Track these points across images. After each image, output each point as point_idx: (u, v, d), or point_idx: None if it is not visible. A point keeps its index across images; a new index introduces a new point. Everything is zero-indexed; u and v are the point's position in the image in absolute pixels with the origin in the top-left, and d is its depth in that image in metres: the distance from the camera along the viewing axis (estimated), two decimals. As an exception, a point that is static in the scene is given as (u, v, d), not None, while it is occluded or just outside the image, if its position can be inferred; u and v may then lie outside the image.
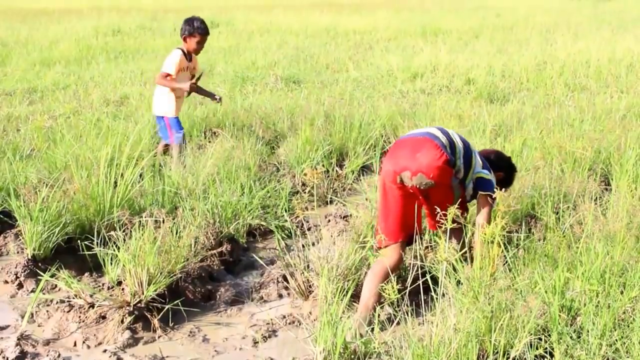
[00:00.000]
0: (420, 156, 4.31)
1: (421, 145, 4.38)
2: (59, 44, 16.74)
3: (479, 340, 3.55)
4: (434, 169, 4.27)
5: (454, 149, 4.48)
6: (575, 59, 13.97)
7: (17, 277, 5.02)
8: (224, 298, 4.81)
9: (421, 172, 4.28)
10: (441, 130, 4.55)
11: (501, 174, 4.90)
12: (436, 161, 4.28)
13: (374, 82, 12.55)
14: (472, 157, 4.60)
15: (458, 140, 4.55)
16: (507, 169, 5.03)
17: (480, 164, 4.64)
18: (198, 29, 7.01)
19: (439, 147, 4.34)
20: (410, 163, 4.31)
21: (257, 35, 19.88)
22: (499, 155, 5.07)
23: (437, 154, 4.30)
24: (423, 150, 4.33)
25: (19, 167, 6.22)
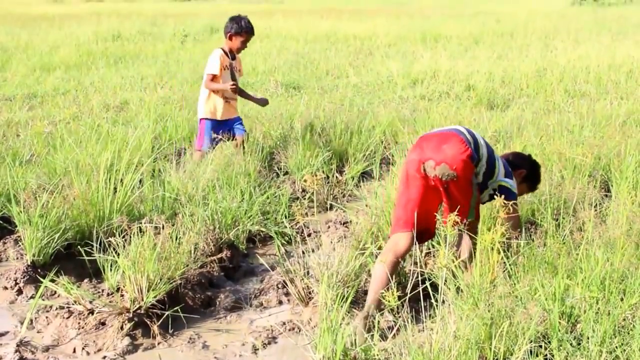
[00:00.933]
0: (446, 147, 4.41)
1: (448, 138, 4.49)
2: (59, 49, 16.76)
3: (479, 348, 3.55)
4: (458, 161, 4.36)
5: (477, 150, 4.55)
6: (575, 65, 13.98)
7: (16, 283, 5.01)
8: (224, 304, 4.80)
9: (445, 163, 4.37)
10: (467, 130, 4.65)
11: (523, 171, 5.02)
12: (461, 154, 4.37)
13: (374, 88, 12.56)
14: (496, 163, 4.68)
15: (482, 144, 4.63)
16: (529, 165, 5.13)
17: (503, 173, 4.72)
18: (245, 27, 6.95)
19: (465, 142, 4.44)
20: (435, 154, 4.41)
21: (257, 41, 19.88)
22: (517, 155, 5.23)
23: (463, 147, 4.40)
24: (449, 143, 4.43)
25: (18, 172, 6.21)
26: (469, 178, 4.48)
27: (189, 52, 17.38)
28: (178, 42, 19.52)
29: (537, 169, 5.21)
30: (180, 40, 19.88)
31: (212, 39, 20.63)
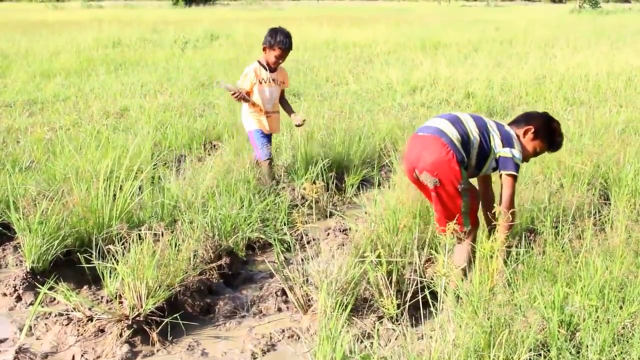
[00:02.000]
0: (426, 155, 4.47)
1: (428, 143, 4.52)
2: (59, 56, 16.80)
3: (478, 356, 3.54)
4: (438, 167, 4.42)
5: (467, 141, 4.57)
6: (574, 73, 14.01)
7: (15, 290, 5.01)
8: (223, 312, 4.80)
9: (426, 171, 4.45)
10: (453, 121, 4.64)
11: (531, 127, 4.85)
12: (441, 161, 4.43)
13: (374, 96, 12.58)
14: (491, 138, 4.68)
15: (472, 129, 4.63)
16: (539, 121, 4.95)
17: (500, 144, 4.68)
18: (279, 42, 6.65)
19: (446, 145, 4.45)
20: (417, 161, 4.51)
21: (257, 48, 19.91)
22: (526, 114, 5.12)
23: (443, 152, 4.44)
24: (429, 149, 4.48)
25: (18, 179, 6.22)
26: (455, 182, 4.49)
27: (189, 59, 17.42)
28: (178, 49, 19.56)
29: (550, 122, 4.99)
30: (180, 47, 19.92)
31: (212, 46, 20.69)
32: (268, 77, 6.81)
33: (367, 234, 5.04)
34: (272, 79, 6.83)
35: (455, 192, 4.51)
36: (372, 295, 4.59)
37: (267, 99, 6.87)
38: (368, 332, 4.23)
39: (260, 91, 6.82)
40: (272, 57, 6.72)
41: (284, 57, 6.76)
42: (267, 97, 6.86)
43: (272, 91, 6.87)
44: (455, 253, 4.68)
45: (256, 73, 6.78)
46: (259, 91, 6.81)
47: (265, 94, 6.84)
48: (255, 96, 6.82)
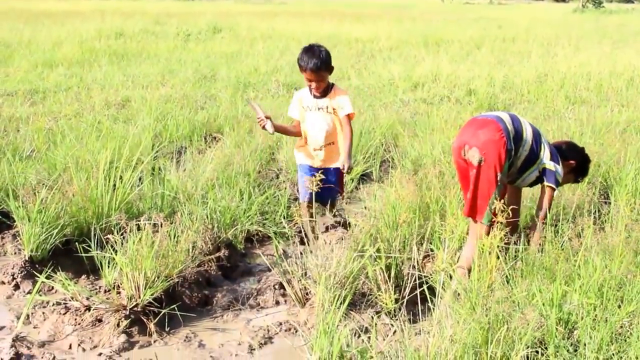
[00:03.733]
0: (481, 133, 4.60)
1: (486, 124, 4.66)
2: (61, 46, 16.78)
3: (476, 352, 3.54)
4: (488, 147, 4.53)
5: (519, 137, 4.70)
6: (575, 72, 13.99)
7: (13, 278, 5.01)
8: (221, 303, 4.80)
9: (476, 147, 4.56)
10: (512, 117, 4.79)
11: (573, 162, 5.12)
12: (493, 142, 4.55)
13: (375, 91, 12.56)
14: (542, 147, 4.83)
15: (528, 130, 4.78)
16: (580, 158, 5.23)
17: (549, 156, 4.84)
18: (302, 61, 5.56)
19: (501, 130, 4.58)
20: (470, 138, 4.63)
21: (259, 42, 19.92)
22: (570, 145, 5.33)
23: (497, 135, 4.56)
24: (485, 129, 4.61)
25: (18, 167, 6.21)
26: (498, 166, 4.57)
27: (192, 51, 17.40)
28: (181, 41, 19.55)
29: (588, 163, 5.32)
30: (183, 40, 19.90)
31: (214, 39, 20.67)
32: (313, 104, 5.72)
33: (366, 228, 5.04)
34: (319, 106, 5.70)
35: (493, 178, 4.58)
36: (371, 290, 4.59)
37: (313, 131, 5.75)
38: (366, 327, 4.23)
39: (307, 120, 5.80)
40: (306, 82, 5.67)
41: (318, 81, 5.57)
42: (314, 127, 5.74)
43: (321, 121, 5.70)
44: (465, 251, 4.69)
45: (300, 99, 5.82)
46: (306, 120, 5.80)
47: (310, 123, 5.77)
48: (305, 126, 5.83)
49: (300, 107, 5.79)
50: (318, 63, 5.48)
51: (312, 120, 5.73)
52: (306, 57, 5.51)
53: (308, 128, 5.78)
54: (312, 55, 5.50)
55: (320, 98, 5.69)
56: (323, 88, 5.64)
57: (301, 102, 5.79)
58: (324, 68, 5.53)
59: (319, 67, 5.49)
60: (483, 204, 4.60)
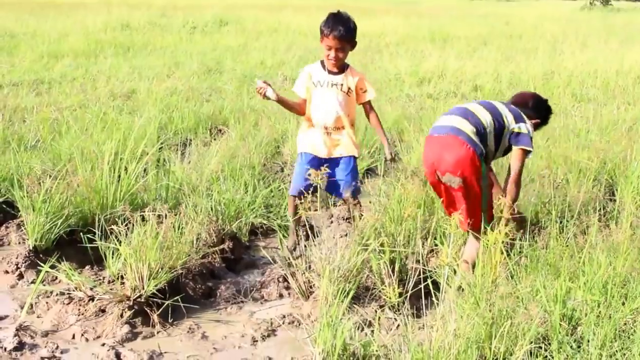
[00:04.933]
0: (447, 155, 4.52)
1: (447, 143, 4.57)
2: (67, 37, 16.77)
3: (479, 347, 3.54)
4: (460, 166, 4.47)
5: (483, 131, 4.63)
6: (582, 70, 13.95)
7: (17, 268, 5.01)
8: (224, 296, 4.80)
9: (449, 172, 4.51)
10: (465, 115, 4.68)
11: (537, 121, 5.08)
12: (462, 157, 4.48)
13: (382, 86, 12.53)
14: (504, 117, 4.75)
15: (485, 116, 4.69)
16: (544, 113, 5.20)
17: (513, 119, 4.76)
18: (327, 28, 5.12)
19: (464, 143, 4.50)
20: (439, 163, 4.56)
21: (265, 35, 19.90)
22: (537, 99, 5.23)
23: (463, 149, 4.49)
24: (449, 150, 4.53)
25: (23, 157, 6.21)
26: (478, 178, 4.55)
27: (198, 43, 17.38)
28: (187, 34, 19.53)
29: (550, 115, 5.30)
30: (189, 32, 19.88)
31: (220, 32, 20.64)
32: (327, 79, 5.26)
33: (371, 222, 5.03)
34: (333, 83, 5.26)
35: (478, 189, 4.56)
36: (374, 284, 4.59)
37: (323, 109, 5.28)
38: (369, 321, 4.22)
39: (313, 97, 5.32)
40: (324, 49, 5.22)
41: (337, 49, 5.14)
42: (323, 106, 5.28)
43: (332, 98, 5.25)
44: (467, 246, 4.69)
45: (310, 73, 5.33)
46: (312, 98, 5.32)
47: (319, 101, 5.29)
48: (311, 106, 5.36)
49: (310, 82, 5.29)
50: (344, 30, 5.08)
51: (323, 98, 5.25)
52: (332, 22, 5.09)
53: (316, 106, 5.29)
54: (339, 20, 5.11)
55: (336, 74, 5.25)
56: (341, 62, 5.24)
57: (311, 77, 5.29)
58: (350, 37, 5.15)
59: (344, 34, 5.09)
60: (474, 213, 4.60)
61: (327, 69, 5.25)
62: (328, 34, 5.07)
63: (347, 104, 5.29)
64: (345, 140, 5.36)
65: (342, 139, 5.36)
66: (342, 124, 5.32)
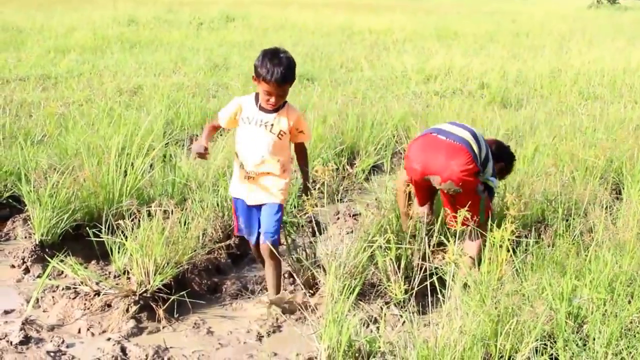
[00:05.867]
0: (454, 164, 4.52)
1: (456, 153, 4.57)
2: (74, 32, 16.77)
3: (485, 344, 3.54)
4: (463, 179, 4.51)
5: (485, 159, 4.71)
6: (589, 68, 13.92)
7: (23, 262, 5.03)
8: (230, 291, 4.80)
9: (451, 180, 4.52)
10: (475, 136, 4.72)
11: (503, 164, 5.11)
12: (468, 174, 4.52)
13: (388, 83, 12.53)
14: (488, 163, 4.78)
15: (484, 147, 4.74)
16: (507, 158, 5.22)
17: (491, 172, 4.81)
18: (267, 73, 4.27)
19: (472, 158, 4.54)
20: (442, 170, 4.55)
21: (272, 31, 19.88)
22: (499, 145, 5.23)
23: (470, 166, 4.53)
24: (457, 159, 4.53)
25: (30, 152, 6.21)
26: (476, 189, 4.62)
27: (204, 39, 17.38)
28: (193, 30, 19.51)
29: (514, 161, 5.34)
30: (195, 28, 19.87)
31: (227, 28, 20.63)
32: (257, 117, 4.47)
33: (377, 219, 5.03)
34: (263, 122, 4.45)
35: (475, 195, 4.61)
36: (380, 281, 4.58)
37: (249, 150, 4.50)
38: (375, 317, 4.22)
39: (241, 135, 4.55)
40: (261, 93, 4.41)
41: (279, 95, 4.38)
42: (249, 146, 4.49)
43: (258, 139, 4.45)
44: (467, 242, 4.69)
45: (240, 106, 4.56)
46: (240, 135, 4.56)
47: (245, 139, 4.51)
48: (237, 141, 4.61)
49: (239, 117, 4.54)
50: (287, 74, 4.31)
51: (249, 137, 4.49)
52: (271, 65, 4.26)
53: (242, 146, 4.54)
54: (279, 63, 4.28)
55: (268, 112, 4.46)
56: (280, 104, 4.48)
57: (240, 110, 4.54)
58: (291, 79, 4.38)
59: (286, 78, 4.31)
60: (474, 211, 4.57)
61: (260, 105, 4.46)
62: (269, 80, 4.26)
63: (277, 147, 4.48)
64: (270, 185, 4.53)
65: (267, 184, 4.53)
66: (269, 169, 4.49)
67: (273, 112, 4.46)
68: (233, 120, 4.58)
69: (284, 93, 4.41)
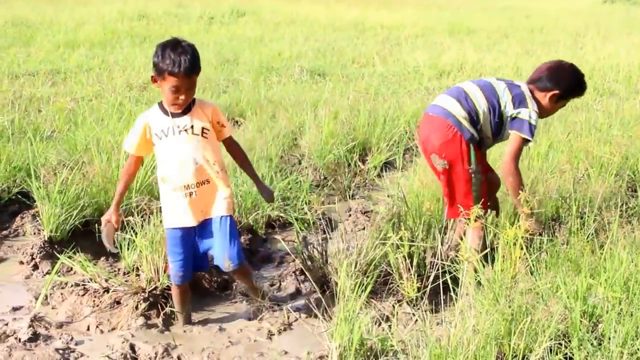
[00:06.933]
0: (433, 137, 4.50)
1: (435, 125, 4.52)
2: (84, 27, 16.76)
3: (498, 343, 3.48)
4: (445, 149, 4.44)
5: (476, 117, 4.51)
6: (604, 64, 13.79)
7: (32, 258, 5.01)
8: (240, 288, 4.75)
9: (434, 153, 4.49)
10: (460, 97, 4.56)
11: (557, 91, 4.61)
12: (447, 142, 4.44)
13: (400, 78, 12.46)
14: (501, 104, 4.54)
15: (480, 102, 4.53)
16: (567, 81, 4.70)
17: (512, 106, 4.52)
18: (169, 65, 3.80)
19: (451, 127, 4.44)
20: (426, 143, 4.56)
21: (283, 26, 19.82)
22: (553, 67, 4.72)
23: (449, 134, 4.44)
24: (435, 133, 4.50)
25: (39, 148, 6.20)
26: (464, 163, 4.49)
27: (215, 34, 17.33)
28: (204, 25, 19.47)
29: (579, 81, 4.75)
30: (206, 23, 19.83)
31: (238, 23, 20.58)
32: (171, 125, 3.95)
33: (388, 216, 4.98)
34: (180, 128, 3.95)
35: (464, 174, 4.50)
36: (392, 278, 4.53)
37: (176, 165, 3.95)
38: (387, 315, 4.17)
39: (162, 153, 4.00)
40: (167, 92, 3.87)
41: (188, 90, 3.89)
42: (174, 160, 3.95)
43: (184, 148, 3.95)
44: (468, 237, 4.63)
45: (147, 125, 4.00)
46: (161, 154, 4.01)
47: (167, 155, 3.97)
48: (161, 164, 4.04)
49: (149, 136, 4.00)
50: (194, 62, 3.86)
51: (173, 150, 3.94)
52: (175, 55, 3.80)
53: (166, 163, 3.98)
54: (183, 51, 3.83)
55: (180, 116, 3.96)
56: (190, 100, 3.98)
57: (149, 129, 3.98)
58: (199, 69, 3.94)
59: (194, 66, 3.86)
60: (464, 201, 4.51)
61: (170, 112, 3.95)
62: (176, 72, 3.78)
63: (207, 148, 4.00)
64: (214, 195, 4.05)
65: (210, 196, 4.04)
66: (207, 176, 4.00)
67: (186, 112, 3.96)
68: (144, 143, 4.00)
69: (193, 85, 3.92)
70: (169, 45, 3.86)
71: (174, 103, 3.90)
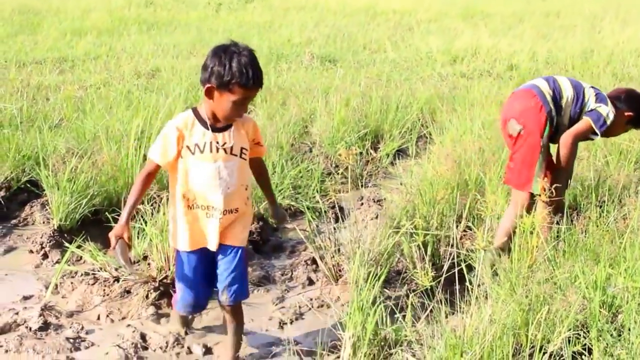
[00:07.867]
0: (516, 104, 4.65)
1: (521, 95, 4.70)
2: (91, 14, 16.69)
3: (515, 334, 3.41)
4: (524, 115, 4.55)
5: (559, 97, 4.63)
6: (623, 48, 13.64)
7: (42, 247, 4.97)
8: (251, 279, 4.70)
9: (513, 118, 4.59)
10: (548, 79, 4.77)
11: (631, 114, 4.78)
12: (529, 108, 4.56)
13: (412, 64, 12.37)
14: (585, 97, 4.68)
15: (566, 87, 4.69)
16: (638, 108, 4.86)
17: (594, 99, 4.68)
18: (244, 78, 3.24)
19: (536, 96, 4.58)
20: (508, 112, 4.69)
21: (292, 12, 19.71)
22: (630, 94, 4.93)
23: (532, 101, 4.57)
24: (520, 100, 4.65)
25: (47, 136, 6.16)
26: (539, 132, 4.54)
27: (223, 21, 17.25)
28: (212, 11, 19.39)
29: None
30: (214, 9, 19.74)
31: (246, 9, 20.47)
32: (210, 140, 3.40)
33: (402, 204, 4.91)
34: (218, 145, 3.41)
35: (536, 143, 4.55)
36: (406, 268, 4.47)
37: (210, 186, 3.43)
38: (401, 305, 4.11)
39: (191, 169, 3.44)
40: (227, 105, 3.30)
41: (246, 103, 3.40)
42: (210, 180, 3.43)
43: (222, 168, 3.43)
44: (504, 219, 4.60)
45: (181, 134, 3.40)
46: (189, 169, 3.44)
47: (202, 174, 3.42)
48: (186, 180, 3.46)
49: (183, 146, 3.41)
50: (261, 72, 3.37)
51: (206, 169, 3.42)
52: (243, 64, 3.25)
53: (195, 182, 3.44)
54: (250, 61, 3.30)
55: (221, 131, 3.44)
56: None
57: (182, 137, 3.40)
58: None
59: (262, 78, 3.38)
60: (527, 171, 4.55)
61: (209, 124, 3.41)
62: (250, 85, 3.27)
63: (242, 171, 3.54)
64: (236, 226, 3.59)
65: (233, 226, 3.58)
66: (236, 204, 3.53)
67: (228, 127, 3.45)
68: (177, 154, 3.43)
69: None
70: (232, 52, 3.30)
71: (229, 118, 3.39)
